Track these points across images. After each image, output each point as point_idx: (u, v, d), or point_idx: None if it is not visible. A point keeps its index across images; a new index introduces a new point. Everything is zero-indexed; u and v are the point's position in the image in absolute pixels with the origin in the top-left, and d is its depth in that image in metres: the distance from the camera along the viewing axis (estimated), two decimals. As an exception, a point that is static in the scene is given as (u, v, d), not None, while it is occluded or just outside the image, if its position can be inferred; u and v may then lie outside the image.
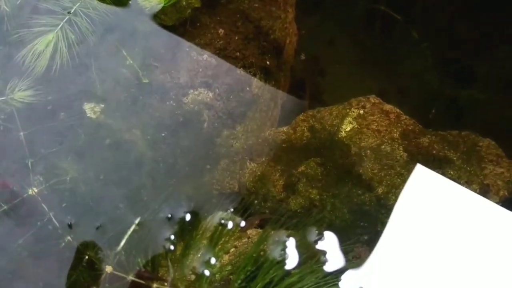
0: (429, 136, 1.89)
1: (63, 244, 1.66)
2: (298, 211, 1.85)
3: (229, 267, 1.64)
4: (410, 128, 1.92)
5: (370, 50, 2.46)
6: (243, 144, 1.99)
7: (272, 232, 1.69)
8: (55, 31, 1.74)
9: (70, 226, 1.67)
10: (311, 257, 1.59)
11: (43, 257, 1.67)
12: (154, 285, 1.58)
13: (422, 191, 1.75)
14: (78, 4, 1.80)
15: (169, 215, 1.72)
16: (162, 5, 1.86)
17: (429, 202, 1.73)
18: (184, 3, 1.89)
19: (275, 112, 2.18)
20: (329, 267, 1.59)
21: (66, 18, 1.76)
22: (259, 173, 1.95)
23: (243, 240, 1.73)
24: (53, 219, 1.67)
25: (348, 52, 2.47)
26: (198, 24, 1.95)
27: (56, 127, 1.77)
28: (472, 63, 2.36)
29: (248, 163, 1.99)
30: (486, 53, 2.35)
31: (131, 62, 1.83)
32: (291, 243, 1.64)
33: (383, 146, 1.87)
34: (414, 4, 2.48)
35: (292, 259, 1.60)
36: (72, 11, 1.78)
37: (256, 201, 1.88)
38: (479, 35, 2.36)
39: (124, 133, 1.81)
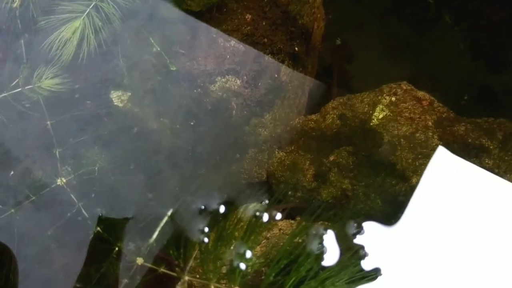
0: (463, 124, 1.83)
1: (92, 235, 1.64)
2: (330, 201, 1.81)
3: (261, 259, 1.60)
4: (444, 116, 1.86)
5: (400, 35, 2.38)
6: (272, 132, 1.94)
7: (305, 223, 1.65)
8: (82, 17, 1.70)
9: (99, 217, 1.65)
10: (349, 250, 1.55)
11: (72, 248, 1.66)
12: (186, 277, 1.56)
13: (444, 173, 1.70)
14: (105, -11, 1.76)
15: (202, 207, 1.69)
16: (189, -10, 1.82)
17: (450, 185, 1.68)
18: (211, -12, 1.85)
19: (303, 99, 2.13)
20: (368, 261, 1.56)
21: (93, 4, 1.72)
22: (288, 162, 1.91)
23: (274, 231, 1.70)
24: (82, 210, 1.65)
25: (377, 37, 2.40)
26: (225, 10, 1.90)
27: (83, 116, 1.74)
28: (506, 48, 2.28)
29: (276, 152, 1.95)
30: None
31: (158, 49, 1.79)
32: (329, 236, 1.60)
33: (417, 135, 1.82)
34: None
35: (331, 253, 1.56)
36: (99, -4, 1.74)
37: (289, 192, 1.84)
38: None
39: (152, 122, 1.78)
